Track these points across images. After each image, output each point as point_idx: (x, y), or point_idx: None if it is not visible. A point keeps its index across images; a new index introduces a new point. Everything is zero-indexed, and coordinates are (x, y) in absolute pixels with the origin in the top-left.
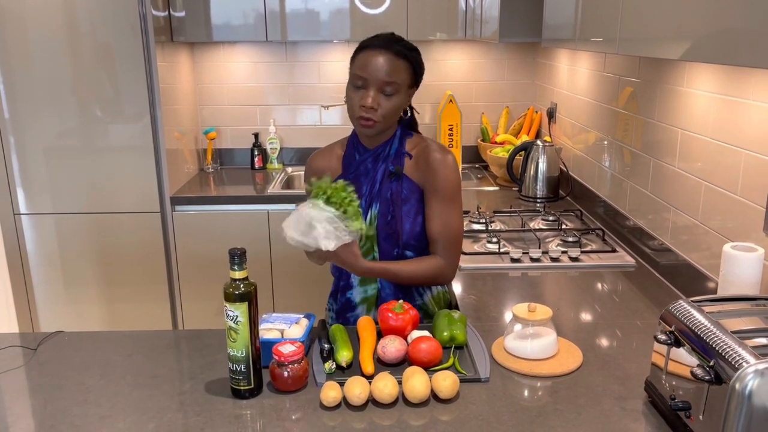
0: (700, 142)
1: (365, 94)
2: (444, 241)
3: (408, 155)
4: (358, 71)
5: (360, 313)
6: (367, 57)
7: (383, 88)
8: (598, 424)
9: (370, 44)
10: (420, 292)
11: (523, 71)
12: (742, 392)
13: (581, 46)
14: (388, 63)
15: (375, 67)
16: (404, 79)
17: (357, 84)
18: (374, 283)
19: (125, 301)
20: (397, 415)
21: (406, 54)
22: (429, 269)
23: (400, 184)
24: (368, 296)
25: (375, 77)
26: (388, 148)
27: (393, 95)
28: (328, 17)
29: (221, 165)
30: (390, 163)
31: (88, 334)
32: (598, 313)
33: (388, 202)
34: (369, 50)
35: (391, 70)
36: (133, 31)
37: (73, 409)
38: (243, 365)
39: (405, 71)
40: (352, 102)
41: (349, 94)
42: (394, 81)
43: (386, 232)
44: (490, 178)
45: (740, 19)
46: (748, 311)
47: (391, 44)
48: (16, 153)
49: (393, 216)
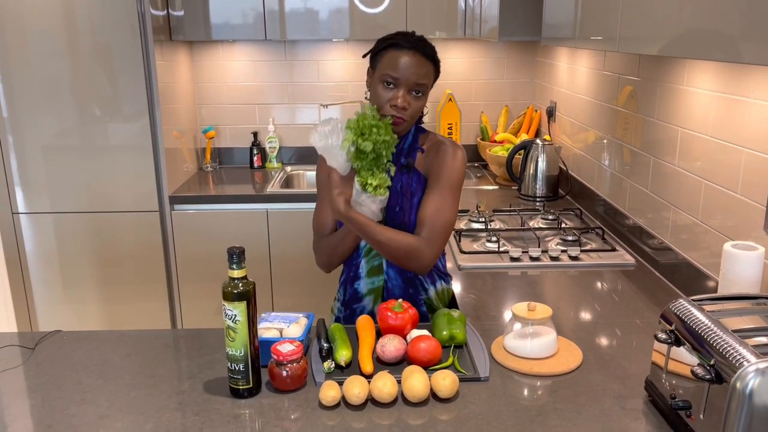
0: (701, 140)
1: (396, 93)
2: (430, 226)
3: (420, 149)
4: (390, 71)
5: (367, 304)
6: (399, 57)
7: (413, 88)
8: (598, 423)
9: (400, 44)
10: (425, 287)
11: (523, 70)
12: (743, 391)
13: (581, 44)
14: (420, 65)
15: (407, 68)
16: (431, 81)
17: (388, 82)
18: (381, 275)
19: (124, 301)
20: (397, 415)
21: (434, 56)
22: (405, 244)
23: (410, 177)
24: (375, 287)
25: (407, 78)
26: (403, 143)
27: (422, 96)
28: (328, 16)
29: (220, 164)
30: (403, 157)
31: (87, 333)
32: (598, 312)
33: (397, 195)
34: (400, 50)
35: (422, 73)
36: (132, 30)
37: (71, 409)
38: (242, 364)
39: (432, 73)
40: (380, 99)
41: (378, 92)
42: (424, 83)
43: (393, 224)
44: (490, 177)
45: (741, 15)
46: (748, 310)
47: (420, 46)
48: (15, 152)
49: (401, 208)
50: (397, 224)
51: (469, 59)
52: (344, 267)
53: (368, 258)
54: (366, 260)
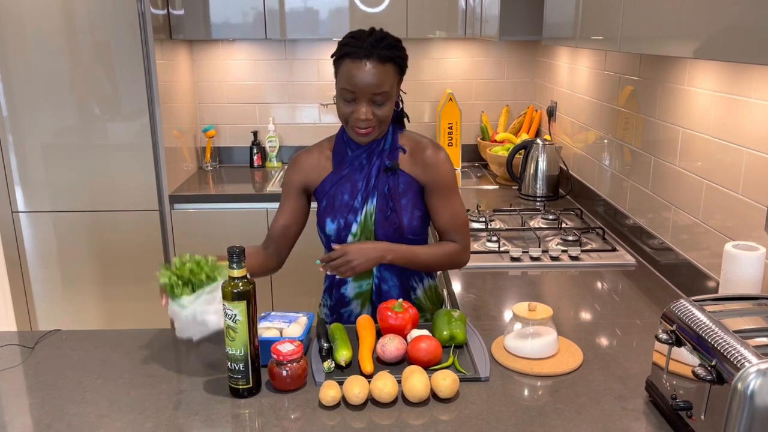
0: (701, 140)
1: (357, 108)
2: (455, 229)
3: (402, 149)
4: (347, 85)
5: (354, 308)
6: (354, 69)
7: (374, 99)
8: (598, 423)
9: (353, 52)
10: (413, 287)
11: (523, 69)
12: (744, 392)
13: (582, 44)
14: (376, 74)
15: (363, 80)
16: (393, 81)
17: (347, 98)
18: (369, 278)
19: (123, 300)
20: (397, 415)
21: (391, 56)
22: (448, 254)
23: (396, 179)
24: (362, 291)
25: (364, 90)
26: (383, 143)
27: (385, 102)
28: (327, 15)
29: (220, 163)
30: (385, 158)
31: (86, 332)
32: (599, 313)
33: (385, 197)
34: (354, 61)
35: (379, 81)
36: (132, 28)
37: (70, 408)
38: (241, 364)
39: (392, 74)
40: (343, 114)
41: (340, 107)
42: (383, 90)
43: (385, 227)
44: (490, 176)
45: (743, 15)
46: (749, 310)
47: (374, 49)
48: (15, 151)
49: (393, 210)
50: (391, 227)
51: (470, 59)
52: (329, 273)
53: None
54: None
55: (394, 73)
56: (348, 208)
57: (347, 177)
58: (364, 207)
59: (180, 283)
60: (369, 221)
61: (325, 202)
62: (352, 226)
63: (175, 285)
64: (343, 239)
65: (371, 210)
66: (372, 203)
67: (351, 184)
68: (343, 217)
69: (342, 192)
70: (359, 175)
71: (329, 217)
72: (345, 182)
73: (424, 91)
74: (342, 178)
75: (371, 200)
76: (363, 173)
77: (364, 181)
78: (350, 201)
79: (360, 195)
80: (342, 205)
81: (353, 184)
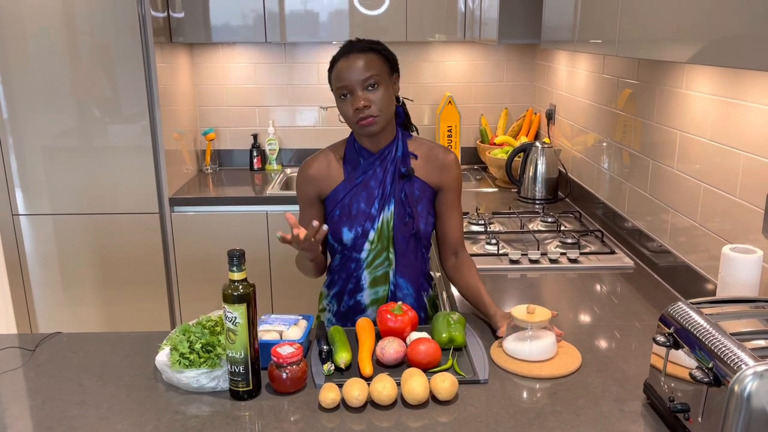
0: (699, 143)
1: (353, 99)
2: (460, 237)
3: (413, 156)
4: (338, 83)
5: (370, 314)
6: (340, 67)
7: (365, 85)
8: (596, 425)
9: (337, 57)
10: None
11: (522, 73)
12: (741, 394)
13: (580, 47)
14: (358, 61)
15: (349, 70)
16: (381, 68)
17: (342, 94)
18: (385, 285)
19: (124, 302)
20: (396, 417)
21: (371, 47)
22: (477, 271)
23: (411, 185)
24: (378, 297)
25: (354, 79)
26: (395, 150)
27: (378, 86)
28: (327, 18)
29: (220, 166)
30: (400, 165)
31: (87, 335)
32: (597, 315)
33: (402, 203)
34: (338, 62)
35: (364, 66)
36: (132, 31)
37: (71, 411)
38: (241, 367)
39: (377, 61)
40: (347, 114)
41: (341, 109)
42: (372, 74)
43: (404, 233)
44: (489, 179)
45: (739, 21)
46: (747, 313)
47: (352, 46)
48: (15, 153)
49: (411, 216)
50: (408, 233)
51: (469, 62)
52: (337, 280)
53: (371, 269)
54: (368, 271)
55: (380, 61)
56: (365, 216)
57: (362, 185)
58: (381, 214)
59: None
60: (386, 228)
61: (339, 211)
62: (369, 234)
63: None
64: (359, 247)
65: (388, 217)
66: (389, 210)
67: (367, 192)
68: (361, 225)
69: (358, 200)
70: (374, 182)
71: (346, 226)
72: (360, 191)
73: (423, 94)
74: (356, 186)
75: (388, 207)
76: (378, 180)
77: (380, 189)
78: (367, 209)
79: (377, 202)
80: (359, 213)
81: (369, 192)
